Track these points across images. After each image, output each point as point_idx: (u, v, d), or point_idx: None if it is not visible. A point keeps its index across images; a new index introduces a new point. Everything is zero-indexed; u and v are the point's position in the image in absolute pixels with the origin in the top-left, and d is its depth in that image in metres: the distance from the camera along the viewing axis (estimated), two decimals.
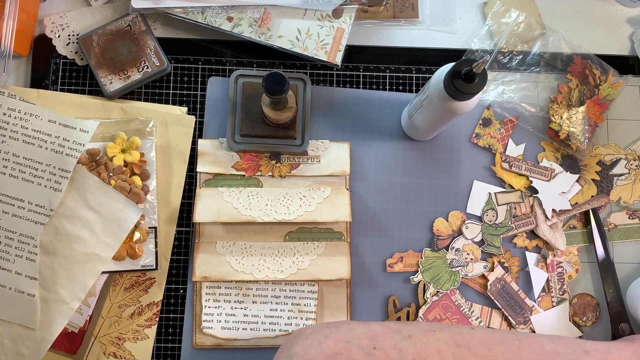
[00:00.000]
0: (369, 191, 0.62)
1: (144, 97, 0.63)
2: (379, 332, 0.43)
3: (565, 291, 0.62)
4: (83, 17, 0.63)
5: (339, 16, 0.62)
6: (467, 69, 0.45)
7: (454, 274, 0.61)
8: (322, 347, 0.41)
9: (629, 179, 0.64)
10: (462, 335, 0.44)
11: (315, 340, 0.42)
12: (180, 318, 0.60)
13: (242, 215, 0.58)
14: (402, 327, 0.44)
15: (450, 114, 0.51)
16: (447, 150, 0.63)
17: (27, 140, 0.57)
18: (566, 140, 0.63)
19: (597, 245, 0.62)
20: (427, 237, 0.62)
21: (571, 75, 0.64)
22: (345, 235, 0.61)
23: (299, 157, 0.61)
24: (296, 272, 0.59)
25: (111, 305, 0.59)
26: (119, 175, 0.59)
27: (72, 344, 0.58)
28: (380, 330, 0.44)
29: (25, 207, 0.56)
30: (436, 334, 0.44)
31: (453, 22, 0.67)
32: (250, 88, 0.61)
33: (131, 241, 0.58)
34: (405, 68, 0.65)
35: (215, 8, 0.61)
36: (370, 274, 0.61)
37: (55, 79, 0.62)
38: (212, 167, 0.61)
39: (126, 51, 0.61)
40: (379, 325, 0.45)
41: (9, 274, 0.56)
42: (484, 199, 0.63)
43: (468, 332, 0.45)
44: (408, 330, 0.44)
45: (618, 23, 0.68)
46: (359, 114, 0.63)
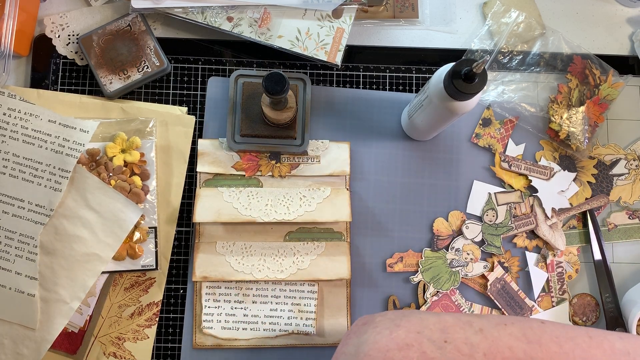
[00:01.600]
0: (369, 191, 0.62)
1: (144, 97, 0.63)
2: (450, 323, 0.43)
3: (565, 291, 0.62)
4: (83, 17, 0.63)
5: (339, 16, 0.62)
6: (467, 69, 0.45)
7: (454, 274, 0.61)
8: (392, 336, 0.41)
9: (628, 178, 0.64)
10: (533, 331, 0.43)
11: (387, 329, 0.42)
12: (180, 318, 0.60)
13: (242, 215, 0.58)
14: (473, 320, 0.44)
15: (450, 114, 0.51)
16: (447, 150, 0.63)
17: (27, 140, 0.57)
18: (566, 140, 0.63)
19: (594, 249, 0.62)
20: (427, 237, 0.62)
21: (571, 75, 0.64)
22: (345, 235, 0.61)
23: (299, 157, 0.61)
24: (296, 272, 0.59)
25: (111, 305, 0.59)
26: (119, 175, 0.59)
27: (72, 344, 0.58)
28: (452, 321, 0.43)
29: (25, 207, 0.56)
30: (507, 329, 0.43)
31: (453, 22, 0.67)
32: (250, 88, 0.61)
33: (131, 241, 0.58)
34: (405, 68, 0.65)
35: (215, 8, 0.61)
36: (370, 274, 0.61)
37: (55, 79, 0.62)
38: (212, 167, 0.61)
39: (126, 51, 0.61)
40: (450, 316, 0.44)
41: (9, 274, 0.56)
42: (484, 199, 0.63)
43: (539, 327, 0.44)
44: (479, 324, 0.43)
45: (618, 23, 0.68)
46: (359, 114, 0.63)
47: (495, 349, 0.41)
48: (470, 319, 0.44)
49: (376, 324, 0.43)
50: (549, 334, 0.44)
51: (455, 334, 0.42)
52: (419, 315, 0.44)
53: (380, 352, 0.40)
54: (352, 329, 0.44)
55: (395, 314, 0.44)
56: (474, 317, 0.45)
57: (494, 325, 0.43)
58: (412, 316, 0.44)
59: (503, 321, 0.44)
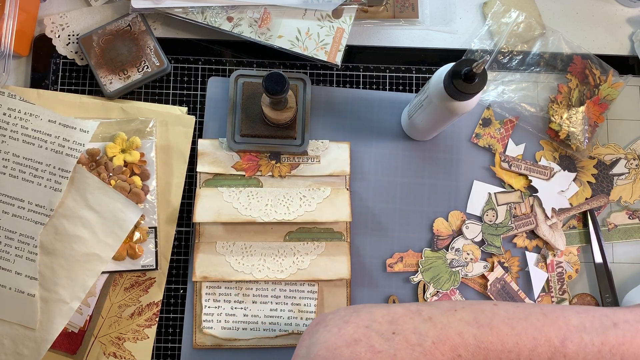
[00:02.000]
0: (369, 191, 0.62)
1: (144, 97, 0.63)
2: (400, 314, 0.43)
3: (565, 291, 0.62)
4: (83, 17, 0.63)
5: (339, 16, 0.62)
6: (467, 69, 0.45)
7: (454, 274, 0.61)
8: (341, 333, 0.41)
9: (629, 178, 0.64)
10: (485, 314, 0.43)
11: (335, 326, 0.42)
12: (180, 318, 0.60)
13: (242, 215, 0.58)
14: (423, 308, 0.44)
15: (450, 114, 0.51)
16: (447, 150, 0.63)
17: (27, 140, 0.57)
18: (566, 140, 0.63)
19: (594, 250, 0.62)
20: (427, 237, 0.62)
21: (571, 75, 0.64)
22: (345, 235, 0.61)
23: (299, 157, 0.61)
24: (296, 272, 0.59)
25: (111, 305, 0.59)
26: (119, 175, 0.59)
27: (72, 344, 0.58)
28: (401, 312, 0.43)
29: (25, 207, 0.56)
30: (457, 314, 0.43)
31: (453, 22, 0.67)
32: (250, 88, 0.61)
33: (131, 241, 0.58)
34: (405, 68, 0.65)
35: (215, 8, 0.61)
36: (370, 274, 0.61)
37: (55, 79, 0.62)
38: (212, 167, 0.61)
39: (126, 51, 0.61)
40: (400, 307, 0.44)
41: (9, 274, 0.56)
42: (484, 199, 0.63)
43: (490, 310, 0.44)
44: (429, 312, 0.43)
45: (618, 23, 0.68)
46: (359, 114, 0.63)
47: (444, 336, 0.41)
48: (420, 307, 0.44)
49: (327, 322, 0.43)
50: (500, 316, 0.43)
51: (404, 324, 0.42)
52: (369, 309, 0.44)
53: (329, 350, 0.40)
54: (307, 330, 0.44)
55: (347, 311, 0.44)
56: (424, 305, 0.44)
57: (444, 311, 0.43)
58: (362, 311, 0.44)
59: (453, 307, 0.44)
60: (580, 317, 0.44)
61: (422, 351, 0.40)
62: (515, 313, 0.44)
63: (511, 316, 0.43)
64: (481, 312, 0.43)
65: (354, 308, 0.45)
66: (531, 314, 0.44)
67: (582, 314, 0.44)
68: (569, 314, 0.44)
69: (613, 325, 0.43)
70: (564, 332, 0.42)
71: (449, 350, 0.41)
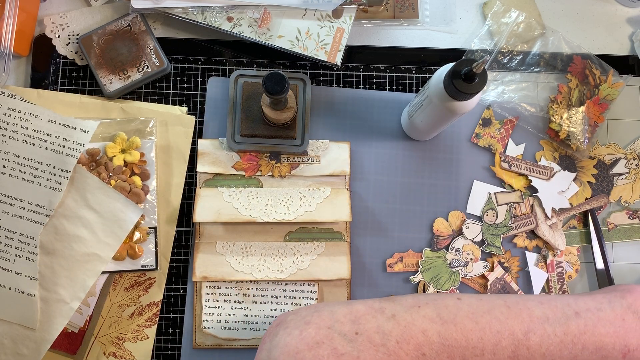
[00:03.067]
0: (369, 191, 0.62)
1: (144, 97, 0.63)
2: (362, 312, 0.42)
3: (565, 291, 0.62)
4: (83, 17, 0.63)
5: (339, 16, 0.62)
6: (467, 69, 0.45)
7: (454, 274, 0.61)
8: (303, 336, 0.40)
9: (629, 178, 0.64)
10: (448, 309, 0.43)
11: (296, 329, 0.41)
12: (180, 318, 0.60)
13: (242, 215, 0.58)
14: (386, 305, 0.43)
15: (450, 114, 0.51)
16: (447, 150, 0.63)
17: (27, 140, 0.57)
18: (566, 140, 0.63)
19: (595, 252, 0.62)
20: (427, 237, 0.62)
21: (571, 75, 0.64)
22: (345, 235, 0.61)
23: (299, 157, 0.61)
24: (296, 272, 0.59)
25: (111, 305, 0.59)
26: (119, 175, 0.59)
27: (72, 344, 0.58)
28: (363, 310, 0.42)
29: (25, 207, 0.56)
30: (421, 310, 0.42)
31: (453, 22, 0.67)
32: (250, 88, 0.61)
33: (131, 241, 0.58)
34: (405, 68, 0.65)
35: (215, 8, 0.61)
36: (370, 274, 0.61)
37: (55, 79, 0.62)
38: (212, 167, 0.61)
39: (126, 51, 0.61)
40: (362, 305, 0.43)
41: (9, 274, 0.56)
42: (484, 199, 0.63)
43: (454, 305, 0.43)
44: (392, 309, 0.43)
45: (618, 23, 0.68)
46: (359, 114, 0.63)
47: (408, 335, 0.41)
48: (383, 304, 0.43)
49: (287, 323, 0.42)
50: (464, 311, 0.43)
51: (367, 323, 0.41)
52: (330, 308, 0.43)
53: (290, 355, 0.39)
54: (268, 331, 0.43)
55: (308, 310, 0.43)
56: (387, 301, 0.44)
57: (408, 308, 0.43)
58: (324, 310, 0.43)
59: (417, 302, 0.43)
60: (543, 308, 0.44)
61: (386, 351, 0.40)
62: (479, 307, 0.44)
63: (475, 310, 0.43)
64: (445, 308, 0.43)
65: (315, 307, 0.44)
66: (494, 307, 0.44)
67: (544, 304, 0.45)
68: (532, 305, 0.44)
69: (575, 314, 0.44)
70: (527, 324, 0.43)
71: (413, 349, 0.40)
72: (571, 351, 0.42)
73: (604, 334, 0.43)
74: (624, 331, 0.43)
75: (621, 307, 0.45)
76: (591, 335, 0.43)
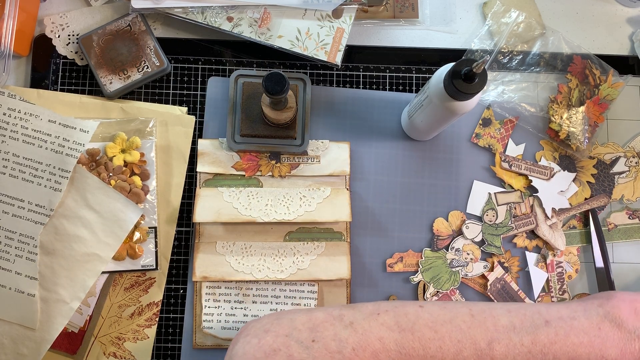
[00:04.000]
0: (369, 191, 0.62)
1: (144, 97, 0.63)
2: (321, 320, 0.42)
3: (565, 291, 0.62)
4: (83, 17, 0.63)
5: (339, 16, 0.62)
6: (467, 69, 0.45)
7: (454, 274, 0.61)
8: (260, 344, 0.40)
9: (629, 176, 0.64)
10: (408, 317, 0.42)
11: (255, 337, 0.41)
12: (180, 318, 0.60)
13: (242, 215, 0.58)
14: (345, 313, 0.43)
15: (450, 114, 0.51)
16: (447, 150, 0.63)
17: (27, 140, 0.57)
18: (566, 140, 0.63)
19: (595, 251, 0.62)
20: (427, 237, 0.62)
21: (571, 75, 0.64)
22: (345, 235, 0.61)
23: (299, 157, 0.61)
24: (296, 272, 0.59)
25: (111, 305, 0.59)
26: (119, 175, 0.59)
27: (72, 344, 0.58)
28: (322, 317, 0.42)
29: (25, 207, 0.56)
30: (380, 318, 0.42)
31: (453, 22, 0.67)
32: (250, 88, 0.61)
33: (131, 241, 0.58)
34: (405, 68, 0.65)
35: (215, 8, 0.61)
36: (370, 274, 0.61)
37: (55, 79, 0.62)
38: (212, 167, 0.61)
39: (126, 51, 0.61)
40: (322, 312, 0.43)
41: (9, 274, 0.56)
42: (484, 199, 0.63)
43: (415, 313, 0.42)
44: (350, 316, 0.42)
45: (618, 23, 0.68)
46: (359, 114, 0.63)
47: (364, 342, 0.40)
48: (343, 312, 0.43)
49: (248, 332, 0.42)
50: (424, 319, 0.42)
51: (325, 331, 0.41)
52: (290, 316, 0.43)
53: None
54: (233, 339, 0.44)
55: (269, 318, 0.43)
56: (348, 309, 0.43)
57: (367, 315, 0.42)
58: (284, 318, 0.43)
59: (377, 310, 0.43)
60: (511, 316, 0.42)
61: (341, 358, 0.40)
62: (440, 315, 0.42)
63: (435, 319, 0.42)
64: (404, 316, 0.42)
65: (276, 315, 0.44)
66: (457, 316, 0.42)
67: (512, 312, 0.43)
68: (499, 314, 0.43)
69: (545, 323, 0.42)
70: (491, 334, 0.41)
71: (369, 356, 0.40)
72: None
73: (577, 344, 0.41)
74: (600, 341, 0.41)
75: (597, 316, 0.42)
76: (563, 345, 0.41)
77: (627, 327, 0.41)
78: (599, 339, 0.41)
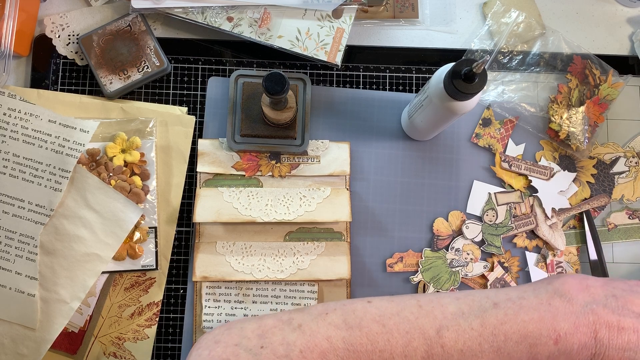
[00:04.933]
0: (369, 191, 0.62)
1: (144, 97, 0.63)
2: (270, 326, 0.42)
3: None
4: (83, 17, 0.63)
5: (339, 16, 0.62)
6: (467, 69, 0.45)
7: (453, 274, 0.61)
8: (211, 356, 0.41)
9: (629, 176, 0.64)
10: (355, 314, 0.42)
11: (206, 349, 0.41)
12: (180, 318, 0.60)
13: (242, 215, 0.58)
14: (294, 316, 0.43)
15: (450, 114, 0.51)
16: (447, 150, 0.63)
17: (27, 140, 0.57)
18: (566, 140, 0.63)
19: (590, 251, 0.62)
20: (427, 237, 0.62)
21: (571, 75, 0.64)
22: (345, 235, 0.61)
23: (299, 157, 0.61)
24: (296, 272, 0.59)
25: (111, 305, 0.59)
26: (119, 175, 0.59)
27: (72, 344, 0.58)
28: (271, 323, 0.42)
29: (25, 207, 0.56)
30: (328, 318, 0.42)
31: (453, 22, 0.67)
32: (250, 88, 0.61)
33: (131, 241, 0.58)
34: (405, 68, 0.65)
35: (215, 8, 0.61)
36: (370, 274, 0.61)
37: (55, 79, 0.62)
38: (212, 167, 0.61)
39: (126, 51, 0.61)
40: (271, 318, 0.43)
41: (9, 274, 0.56)
42: (484, 199, 0.63)
43: (362, 309, 0.42)
44: (299, 319, 0.42)
45: (618, 23, 0.68)
46: (359, 114, 0.63)
47: (312, 343, 0.40)
48: (292, 315, 0.43)
49: (199, 344, 0.43)
50: (371, 314, 0.42)
51: (273, 336, 0.41)
52: (240, 324, 0.43)
53: None
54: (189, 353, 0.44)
55: (220, 329, 0.44)
56: (297, 312, 0.43)
57: (314, 317, 0.42)
58: (234, 328, 0.43)
59: (325, 310, 0.43)
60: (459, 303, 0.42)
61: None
62: (388, 309, 0.42)
63: (383, 313, 0.42)
64: (352, 313, 0.42)
65: (227, 326, 0.44)
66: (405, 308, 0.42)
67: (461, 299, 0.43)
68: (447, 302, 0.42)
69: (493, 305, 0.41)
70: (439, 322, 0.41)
71: (317, 357, 0.40)
72: (492, 344, 0.39)
73: (527, 321, 0.40)
74: (551, 315, 0.40)
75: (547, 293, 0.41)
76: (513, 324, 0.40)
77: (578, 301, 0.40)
78: (549, 314, 0.40)
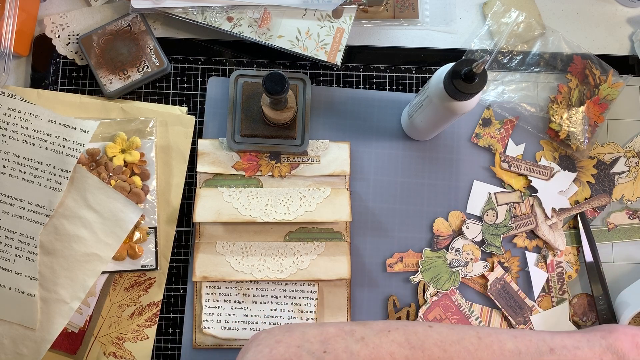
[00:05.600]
0: (369, 191, 0.62)
1: (144, 97, 0.63)
2: (332, 334, 0.43)
3: (565, 291, 0.62)
4: (83, 17, 0.63)
5: (339, 16, 0.62)
6: (467, 69, 0.45)
7: (454, 274, 0.61)
8: (272, 354, 0.41)
9: (629, 176, 0.64)
10: (417, 336, 0.43)
11: (267, 347, 0.42)
12: (180, 318, 0.60)
13: (242, 215, 0.58)
14: (356, 329, 0.44)
15: (450, 114, 0.51)
16: (447, 150, 0.63)
17: (27, 140, 0.57)
18: (566, 140, 0.63)
19: (585, 253, 0.62)
20: (427, 237, 0.62)
21: (571, 75, 0.64)
22: (345, 235, 0.61)
23: (299, 157, 0.61)
24: (296, 272, 0.59)
25: (111, 305, 0.59)
26: (119, 175, 0.59)
27: (72, 344, 0.58)
28: (334, 332, 0.43)
29: (25, 207, 0.56)
30: (390, 335, 0.43)
31: (453, 22, 0.67)
32: (250, 88, 0.61)
33: (131, 241, 0.58)
34: (405, 68, 0.65)
35: (215, 8, 0.61)
36: (370, 274, 0.61)
37: (55, 79, 0.62)
38: (212, 167, 0.61)
39: (126, 51, 0.61)
40: (333, 327, 0.44)
41: (9, 274, 0.56)
42: (484, 199, 0.63)
43: (424, 332, 0.44)
44: (361, 332, 0.43)
45: (618, 23, 0.68)
46: (359, 114, 0.63)
47: (376, 356, 0.41)
48: (354, 327, 0.44)
49: (259, 341, 0.43)
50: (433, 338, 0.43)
51: (336, 344, 0.42)
52: (302, 329, 0.44)
53: None
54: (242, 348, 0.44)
55: (280, 329, 0.44)
56: (358, 325, 0.44)
57: (377, 332, 0.43)
58: (296, 330, 0.43)
59: (387, 327, 0.44)
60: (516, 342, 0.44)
61: None
62: (449, 335, 0.44)
63: (444, 339, 0.43)
64: (414, 334, 0.43)
65: (287, 327, 0.45)
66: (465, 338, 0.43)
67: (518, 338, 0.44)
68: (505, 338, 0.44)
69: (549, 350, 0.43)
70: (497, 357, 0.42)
71: None
72: None
73: None
74: None
75: (600, 347, 0.44)
76: None
77: None
78: None
